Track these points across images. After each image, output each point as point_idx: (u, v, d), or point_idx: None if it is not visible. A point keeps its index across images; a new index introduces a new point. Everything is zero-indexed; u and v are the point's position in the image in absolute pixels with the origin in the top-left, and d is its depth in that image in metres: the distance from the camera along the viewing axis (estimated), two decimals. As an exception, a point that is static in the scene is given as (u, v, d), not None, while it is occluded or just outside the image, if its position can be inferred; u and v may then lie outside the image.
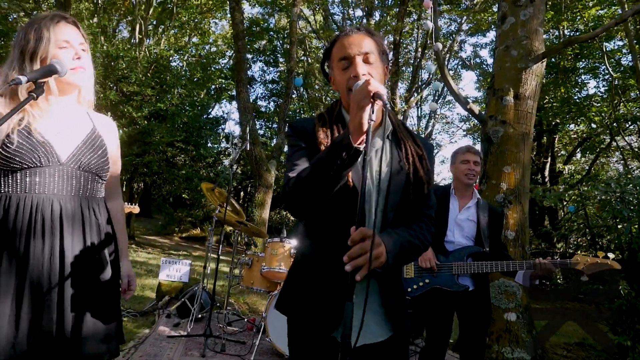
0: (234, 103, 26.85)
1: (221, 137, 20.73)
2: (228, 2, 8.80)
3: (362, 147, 1.37)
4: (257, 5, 22.28)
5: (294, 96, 24.73)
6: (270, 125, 25.90)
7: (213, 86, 21.33)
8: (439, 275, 3.12)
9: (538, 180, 16.00)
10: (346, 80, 1.54)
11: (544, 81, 14.67)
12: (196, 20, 18.55)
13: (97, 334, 1.68)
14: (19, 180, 1.59)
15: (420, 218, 1.66)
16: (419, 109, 21.63)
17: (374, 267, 1.37)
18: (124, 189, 14.46)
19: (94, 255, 1.71)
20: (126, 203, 4.09)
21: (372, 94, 1.34)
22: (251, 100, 25.25)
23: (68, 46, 1.66)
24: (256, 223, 8.36)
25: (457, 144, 26.64)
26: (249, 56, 25.05)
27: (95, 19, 16.43)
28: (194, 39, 20.86)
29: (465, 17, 14.99)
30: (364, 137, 1.40)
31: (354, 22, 16.21)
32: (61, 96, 1.72)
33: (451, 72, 20.48)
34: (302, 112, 24.79)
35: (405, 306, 1.72)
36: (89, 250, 1.70)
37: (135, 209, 4.21)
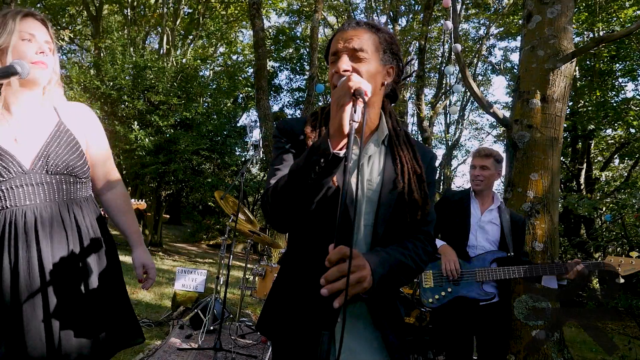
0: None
1: (249, 145, 20.85)
2: (248, 10, 8.80)
3: (342, 152, 1.21)
4: (283, 14, 22.53)
5: (320, 103, 24.75)
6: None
7: (240, 95, 21.50)
8: (462, 283, 2.92)
9: (573, 188, 15.37)
10: (331, 76, 1.38)
11: (578, 85, 14.13)
12: (222, 30, 18.74)
13: (83, 346, 1.55)
14: None
15: (416, 235, 1.48)
16: (447, 116, 21.24)
17: (355, 292, 1.20)
18: (150, 198, 14.63)
19: (77, 263, 1.59)
20: (133, 200, 4.01)
21: (352, 90, 1.17)
22: (277, 108, 25.60)
23: (32, 40, 1.55)
24: (275, 233, 8.25)
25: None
26: (276, 65, 25.30)
27: (125, 31, 16.83)
28: (221, 49, 21.13)
29: (493, 21, 14.60)
30: (345, 140, 1.24)
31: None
32: (19, 95, 1.59)
33: (480, 77, 20.05)
34: (328, 119, 24.67)
35: (403, 331, 1.54)
36: (71, 258, 1.58)
37: (142, 205, 4.12)
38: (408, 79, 1.68)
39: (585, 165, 16.15)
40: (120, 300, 1.72)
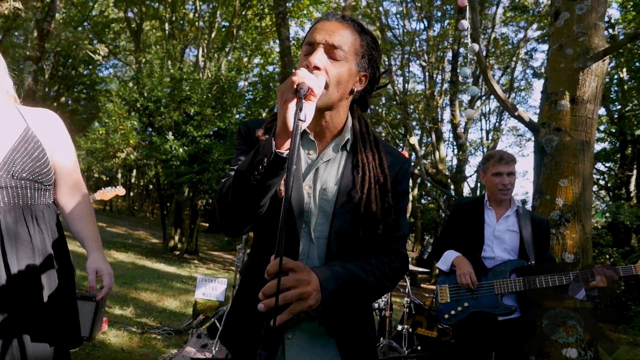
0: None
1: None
2: (275, 19, 8.85)
3: (285, 152, 1.11)
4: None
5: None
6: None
7: (276, 104, 21.73)
8: (480, 297, 2.73)
9: (622, 196, 14.56)
10: (300, 67, 1.22)
11: (626, 87, 13.38)
12: (257, 41, 19.03)
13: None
14: None
15: (383, 251, 1.34)
16: (486, 121, 20.65)
17: (300, 310, 1.08)
18: (187, 208, 14.92)
19: (36, 267, 1.57)
20: (110, 188, 3.95)
21: (294, 86, 1.07)
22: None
23: None
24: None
25: (528, 157, 25.02)
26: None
27: (164, 45, 17.37)
28: (256, 60, 21.45)
29: (531, 23, 14.09)
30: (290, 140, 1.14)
31: (414, 36, 15.77)
32: None
33: (522, 83, 19.39)
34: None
35: (375, 352, 1.40)
36: (32, 262, 1.56)
37: (120, 191, 4.01)
38: (384, 88, 1.56)
39: (635, 171, 15.26)
40: (67, 309, 1.68)
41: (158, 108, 13.38)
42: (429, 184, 15.75)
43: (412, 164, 17.76)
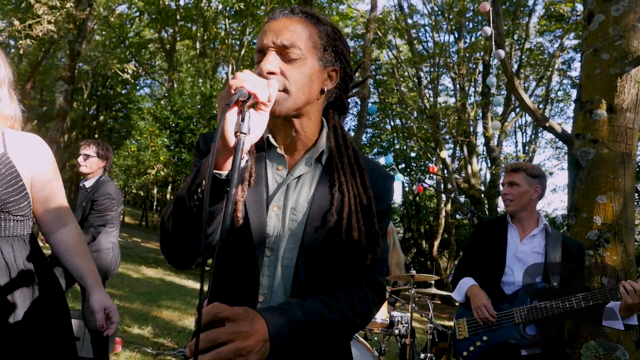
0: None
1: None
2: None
3: (224, 172, 0.92)
4: (348, 40, 22.64)
5: (388, 127, 24.41)
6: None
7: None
8: (500, 328, 2.44)
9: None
10: None
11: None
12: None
13: None
14: None
15: (354, 280, 1.13)
16: (523, 134, 19.93)
17: None
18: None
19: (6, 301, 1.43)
20: None
21: (232, 90, 0.88)
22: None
23: None
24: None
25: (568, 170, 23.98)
26: (343, 89, 25.27)
27: (196, 63, 17.73)
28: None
29: (567, 32, 13.55)
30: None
31: (444, 48, 15.45)
32: None
33: (560, 93, 18.67)
34: (395, 142, 24.25)
35: None
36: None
37: None
38: (359, 87, 1.35)
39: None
40: (59, 341, 1.54)
41: (188, 125, 13.56)
42: (458, 200, 15.26)
43: (436, 180, 17.26)
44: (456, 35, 15.04)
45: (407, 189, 23.72)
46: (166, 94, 16.36)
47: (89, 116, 23.68)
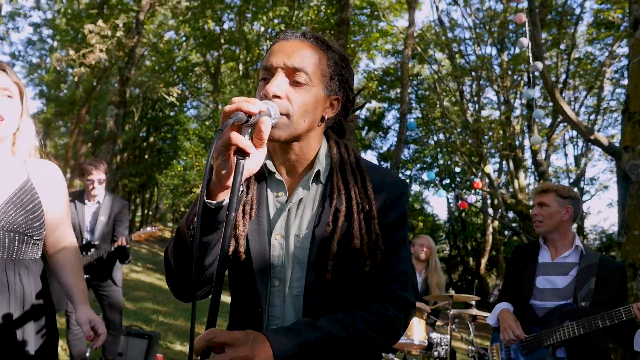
0: (370, 152, 27.09)
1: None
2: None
3: (215, 202, 0.93)
4: (389, 55, 22.66)
5: (431, 142, 24.06)
6: (404, 172, 25.40)
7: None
8: (532, 352, 2.40)
9: None
10: (259, 99, 1.05)
11: None
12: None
13: None
14: None
15: (370, 297, 1.09)
16: (574, 146, 19.08)
17: None
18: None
19: (16, 326, 1.50)
20: (149, 228, 4.01)
21: (227, 113, 0.90)
22: (385, 149, 25.43)
23: None
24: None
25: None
26: (385, 105, 25.35)
27: (239, 84, 18.21)
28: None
29: (618, 40, 12.98)
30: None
31: (485, 60, 15.14)
32: None
33: (613, 103, 17.81)
34: (439, 157, 23.84)
35: None
36: (10, 320, 1.49)
37: (155, 232, 4.03)
38: (360, 111, 1.34)
39: None
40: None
41: (231, 144, 13.88)
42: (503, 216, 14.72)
43: (482, 196, 16.63)
44: (499, 48, 14.73)
45: (452, 205, 23.20)
46: (211, 115, 16.86)
47: (140, 138, 24.71)
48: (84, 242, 3.84)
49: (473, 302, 4.02)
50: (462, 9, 15.05)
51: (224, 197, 0.95)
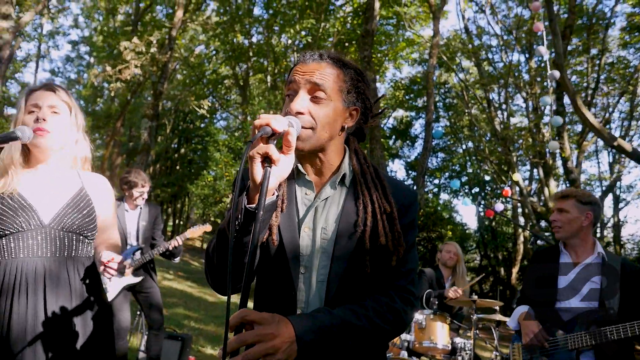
0: (397, 161, 27.01)
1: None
2: (360, 63, 9.12)
3: (255, 205, 1.07)
4: (416, 64, 22.68)
5: (460, 150, 23.85)
6: (432, 181, 25.23)
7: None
8: (555, 355, 2.42)
9: None
10: (284, 115, 1.21)
11: None
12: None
13: None
14: (4, 246, 1.66)
15: (384, 291, 1.23)
16: (609, 153, 18.58)
17: None
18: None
19: (73, 319, 1.69)
20: (198, 225, 4.28)
21: (256, 129, 1.04)
22: (413, 157, 25.31)
23: (35, 110, 1.71)
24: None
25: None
26: (412, 114, 25.32)
27: (267, 95, 18.58)
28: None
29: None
30: (270, 192, 1.10)
31: (512, 68, 14.99)
32: (45, 159, 1.78)
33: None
34: (467, 166, 23.59)
35: None
36: (68, 314, 1.68)
37: (207, 227, 4.30)
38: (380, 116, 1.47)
39: None
40: (104, 353, 1.78)
41: (260, 154, 14.14)
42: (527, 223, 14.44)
43: (512, 204, 16.34)
44: (527, 55, 14.58)
45: (481, 214, 22.88)
46: (240, 126, 17.24)
47: (171, 149, 25.41)
48: (131, 247, 4.10)
49: (497, 308, 4.06)
50: (488, 17, 14.99)
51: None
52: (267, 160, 1.04)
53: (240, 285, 1.23)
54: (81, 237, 1.78)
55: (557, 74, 3.59)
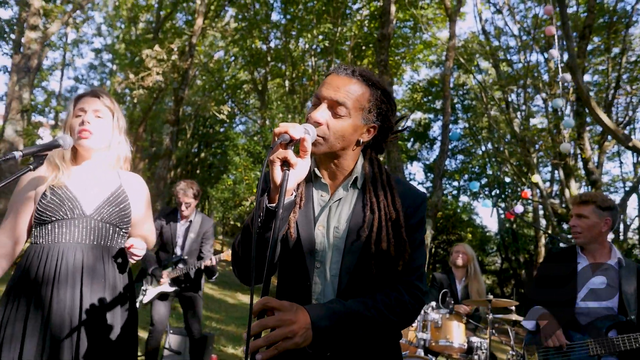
0: (416, 164, 26.89)
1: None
2: (377, 66, 9.18)
3: (275, 205, 1.20)
4: (434, 66, 22.61)
5: (480, 152, 23.66)
6: (451, 183, 25.06)
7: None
8: (573, 358, 2.43)
9: None
10: (307, 120, 1.35)
11: None
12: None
13: None
14: (49, 232, 1.83)
15: (391, 285, 1.34)
16: (633, 153, 18.21)
17: (286, 347, 1.11)
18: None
19: (107, 307, 1.84)
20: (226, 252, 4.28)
21: (275, 136, 1.17)
22: (432, 160, 25.19)
23: (82, 114, 1.91)
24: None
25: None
26: (430, 116, 25.22)
27: (286, 100, 18.78)
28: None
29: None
30: (290, 191, 1.24)
31: (530, 69, 14.85)
32: (89, 157, 1.97)
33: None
34: (487, 168, 23.39)
35: None
36: (101, 307, 1.83)
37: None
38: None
39: None
40: (129, 346, 1.93)
41: (278, 158, 14.31)
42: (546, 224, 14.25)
43: (533, 206, 16.13)
44: (545, 56, 14.45)
45: (502, 216, 22.64)
46: (259, 130, 17.46)
47: (192, 154, 25.82)
48: (173, 257, 4.26)
49: (513, 308, 4.09)
50: (505, 18, 14.90)
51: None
52: (285, 164, 1.16)
53: (264, 276, 1.36)
54: (117, 228, 1.95)
55: (568, 76, 3.61)
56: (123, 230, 2.00)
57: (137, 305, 4.41)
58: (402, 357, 1.46)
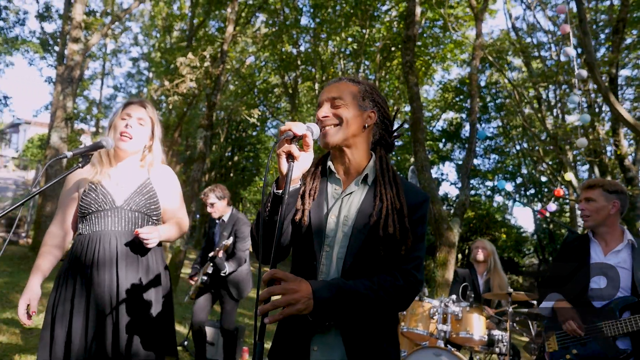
0: (448, 164, 26.61)
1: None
2: (402, 67, 9.24)
3: (282, 191, 1.40)
4: (465, 65, 22.38)
5: (514, 151, 23.23)
6: (484, 183, 24.67)
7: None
8: (589, 342, 2.53)
9: None
10: (316, 122, 1.59)
11: None
12: (400, 89, 19.61)
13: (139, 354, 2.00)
14: (89, 223, 2.10)
15: (389, 271, 1.51)
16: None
17: (290, 313, 1.31)
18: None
19: (143, 289, 2.08)
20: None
21: (280, 133, 1.37)
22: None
23: (127, 118, 2.16)
24: (438, 284, 8.03)
25: None
26: (463, 115, 24.94)
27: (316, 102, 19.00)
28: (407, 108, 21.96)
29: None
30: (295, 180, 1.46)
31: (563, 65, 14.53)
32: (126, 158, 2.23)
33: None
34: (522, 167, 22.95)
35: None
36: (139, 281, 2.07)
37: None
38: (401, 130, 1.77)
39: None
40: (166, 323, 2.15)
41: (309, 160, 14.55)
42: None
43: (570, 205, 15.73)
44: (579, 51, 14.15)
45: (538, 217, 22.16)
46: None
47: (225, 158, 26.45)
48: (209, 256, 4.53)
49: (534, 302, 4.15)
50: (535, 15, 14.62)
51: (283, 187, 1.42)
52: (290, 156, 1.36)
53: (272, 252, 1.55)
54: (146, 216, 2.19)
55: (584, 73, 3.65)
56: (153, 218, 2.24)
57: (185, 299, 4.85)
58: (398, 341, 1.61)
